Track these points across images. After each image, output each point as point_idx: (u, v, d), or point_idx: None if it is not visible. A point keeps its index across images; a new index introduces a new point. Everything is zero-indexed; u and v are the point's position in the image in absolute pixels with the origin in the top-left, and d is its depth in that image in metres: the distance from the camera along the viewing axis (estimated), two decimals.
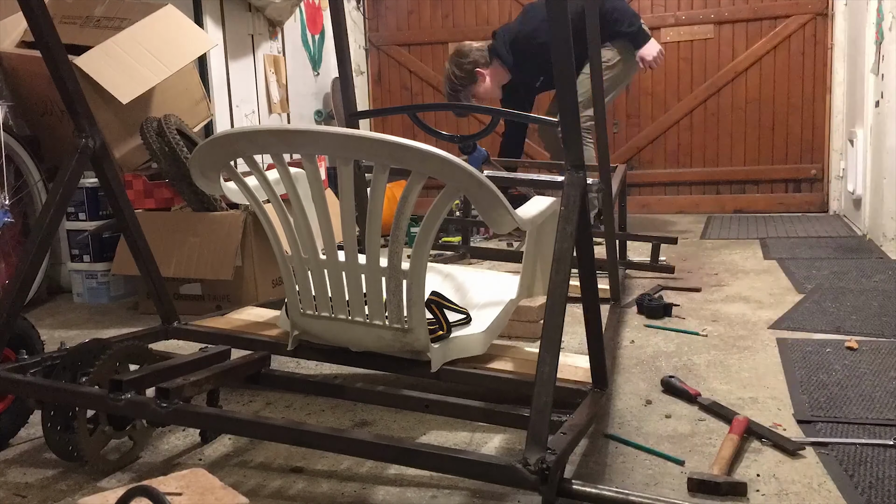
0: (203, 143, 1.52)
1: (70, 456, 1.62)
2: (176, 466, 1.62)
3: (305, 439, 1.41)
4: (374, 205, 1.45)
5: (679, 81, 5.43)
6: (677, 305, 2.77)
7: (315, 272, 1.59)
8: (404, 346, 1.61)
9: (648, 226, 4.74)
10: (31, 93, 3.20)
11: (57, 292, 3.49)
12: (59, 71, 1.71)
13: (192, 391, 1.60)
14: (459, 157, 1.55)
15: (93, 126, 1.78)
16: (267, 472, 1.59)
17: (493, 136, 5.80)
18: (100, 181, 1.85)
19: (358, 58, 5.82)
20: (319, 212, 1.50)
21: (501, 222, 1.45)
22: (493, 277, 2.12)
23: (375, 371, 1.81)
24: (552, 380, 1.31)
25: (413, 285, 1.52)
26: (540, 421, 1.27)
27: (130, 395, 1.50)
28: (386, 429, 1.79)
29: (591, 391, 1.62)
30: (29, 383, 1.60)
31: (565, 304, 1.39)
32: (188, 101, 3.46)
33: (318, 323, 1.66)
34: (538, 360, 1.33)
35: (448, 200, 1.42)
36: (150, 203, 3.06)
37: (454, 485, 1.49)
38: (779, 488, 1.44)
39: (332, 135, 1.41)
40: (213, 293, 2.97)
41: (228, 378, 1.76)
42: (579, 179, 1.45)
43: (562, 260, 1.39)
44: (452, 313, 1.74)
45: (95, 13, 3.23)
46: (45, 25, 1.66)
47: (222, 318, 2.06)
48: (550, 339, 1.34)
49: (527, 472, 1.21)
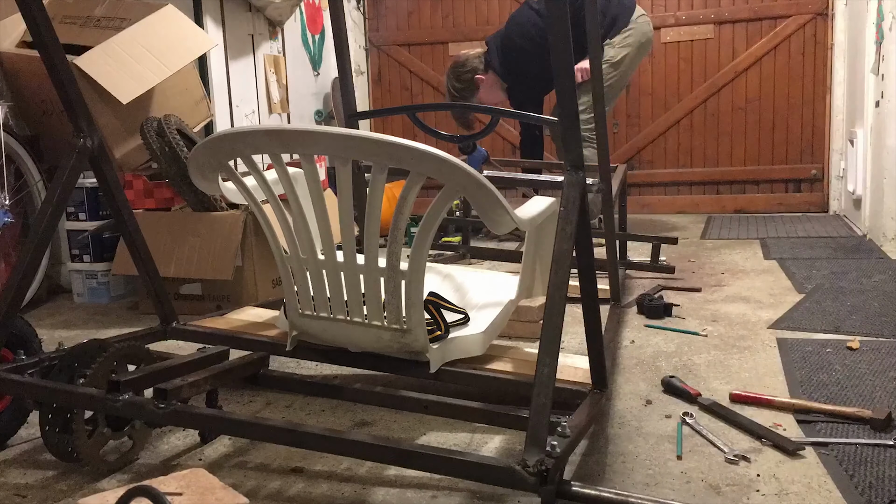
0: (200, 143, 1.52)
1: (69, 457, 1.62)
2: (176, 466, 1.62)
3: (304, 440, 1.41)
4: (373, 205, 1.45)
5: (679, 81, 5.43)
6: (677, 305, 2.77)
7: (313, 272, 1.59)
8: (403, 346, 1.61)
9: (648, 226, 4.74)
10: (32, 93, 3.20)
11: (57, 292, 3.49)
12: (57, 71, 1.71)
13: (189, 392, 1.60)
14: (459, 157, 1.56)
15: (91, 126, 1.77)
16: (267, 472, 1.59)
17: (494, 136, 5.80)
18: (98, 181, 1.85)
19: (358, 58, 5.82)
20: (317, 212, 1.50)
21: (500, 223, 1.45)
22: (492, 278, 2.12)
23: (375, 372, 1.81)
24: (551, 381, 1.31)
25: (412, 285, 1.51)
26: (539, 422, 1.27)
27: (128, 396, 1.50)
28: (386, 429, 1.79)
29: (591, 392, 1.62)
30: (26, 384, 1.60)
31: (564, 305, 1.39)
32: (188, 101, 3.46)
33: (316, 323, 1.66)
34: (537, 362, 1.32)
35: (446, 201, 1.42)
36: (150, 203, 3.07)
37: (454, 485, 1.49)
38: (779, 488, 1.44)
39: (328, 135, 1.40)
40: (213, 293, 2.97)
41: (227, 379, 1.76)
42: (579, 179, 1.44)
43: (561, 261, 1.39)
44: (450, 314, 1.74)
45: (95, 13, 3.23)
46: (43, 26, 1.66)
47: (221, 319, 2.05)
48: (549, 340, 1.34)
49: (526, 473, 1.21)
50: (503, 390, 1.69)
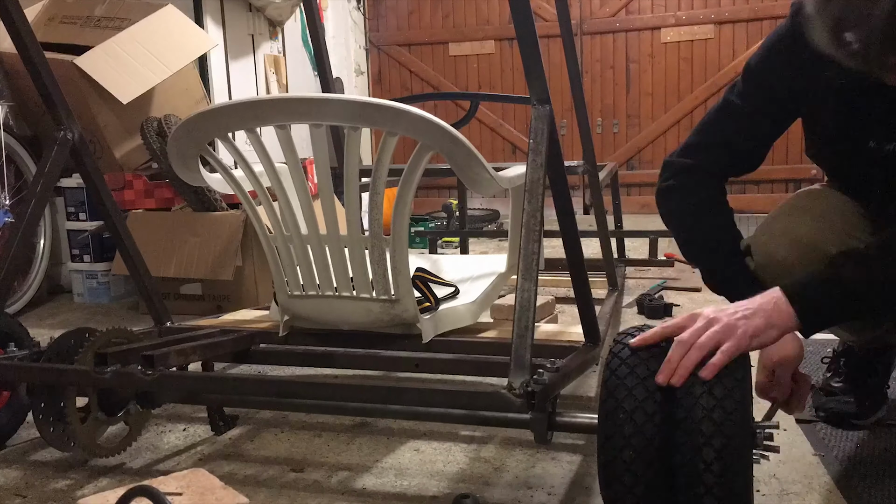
0: (175, 129, 1.52)
1: (66, 446, 1.62)
2: (176, 466, 1.62)
3: (294, 391, 1.43)
4: (350, 169, 1.46)
5: (679, 81, 5.44)
6: (678, 305, 2.77)
7: (298, 248, 1.59)
8: (393, 318, 1.61)
9: (649, 226, 4.73)
10: (32, 93, 3.19)
11: (57, 292, 3.49)
12: (34, 63, 1.73)
13: (177, 360, 1.56)
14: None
15: (70, 118, 1.80)
16: (267, 472, 1.59)
17: (494, 136, 5.80)
18: (80, 173, 1.87)
19: (358, 58, 5.82)
20: (297, 185, 1.50)
21: (478, 181, 1.46)
22: (481, 257, 2.17)
23: (368, 364, 1.79)
24: (532, 305, 1.31)
25: (396, 252, 1.51)
26: (522, 345, 1.28)
27: (115, 368, 1.46)
28: (386, 429, 1.79)
29: (584, 345, 1.63)
30: (15, 367, 1.58)
31: (541, 233, 1.39)
32: (188, 101, 3.46)
33: (307, 303, 1.65)
34: (516, 288, 1.33)
35: (422, 156, 1.42)
36: (150, 203, 3.07)
37: (455, 485, 1.49)
38: (779, 488, 1.44)
39: (303, 100, 1.42)
40: (213, 293, 2.97)
41: (216, 351, 1.72)
42: (546, 112, 1.44)
43: (533, 190, 1.38)
44: (440, 288, 1.75)
45: (96, 13, 3.23)
46: (16, 16, 1.68)
47: (216, 320, 2.05)
48: (527, 266, 1.34)
49: (512, 396, 1.21)
50: (498, 354, 1.68)
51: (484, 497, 1.44)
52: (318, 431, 1.79)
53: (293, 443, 1.73)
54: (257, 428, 1.82)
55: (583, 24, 5.55)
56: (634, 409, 1.06)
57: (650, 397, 1.06)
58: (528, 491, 1.46)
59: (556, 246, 3.63)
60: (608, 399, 1.08)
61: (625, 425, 1.05)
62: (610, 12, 5.57)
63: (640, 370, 1.09)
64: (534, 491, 1.46)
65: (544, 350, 1.55)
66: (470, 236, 3.72)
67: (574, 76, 2.59)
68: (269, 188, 1.57)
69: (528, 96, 1.45)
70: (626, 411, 1.06)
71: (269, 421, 1.86)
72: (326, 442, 1.73)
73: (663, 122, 5.47)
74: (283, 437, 1.76)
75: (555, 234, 1.71)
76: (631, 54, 5.55)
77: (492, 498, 1.44)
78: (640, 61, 5.53)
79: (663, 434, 1.05)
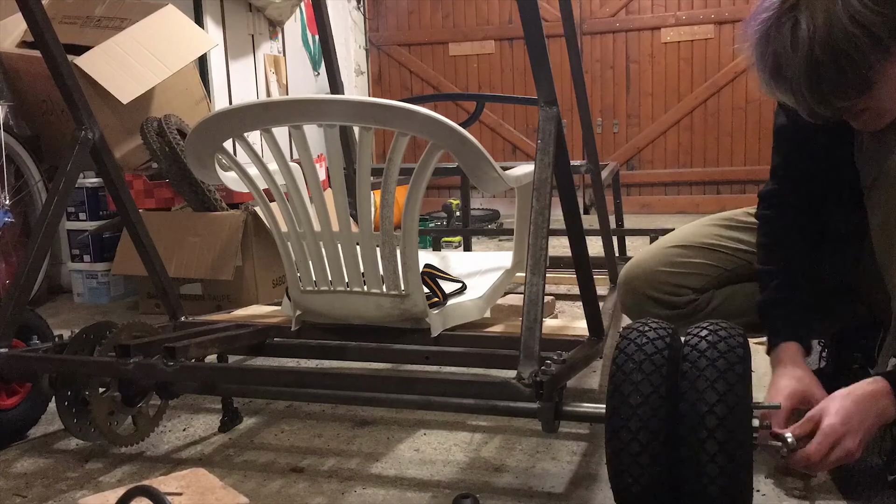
0: (194, 128, 1.54)
1: (88, 435, 1.68)
2: (176, 466, 1.62)
3: (308, 380, 1.50)
4: (363, 169, 1.48)
5: (679, 81, 5.44)
6: None
7: (311, 245, 1.61)
8: (403, 313, 1.63)
9: (649, 226, 4.74)
10: (32, 93, 3.20)
11: (57, 292, 3.49)
12: (56, 64, 1.74)
13: (196, 352, 1.62)
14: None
15: (91, 119, 1.81)
16: (268, 472, 1.59)
17: (494, 137, 5.80)
18: (100, 173, 1.89)
19: (358, 58, 5.83)
20: (311, 182, 1.53)
21: (487, 180, 1.49)
22: (487, 254, 2.22)
23: (379, 357, 1.81)
24: (540, 299, 1.35)
25: (406, 248, 1.54)
26: (531, 337, 1.32)
27: (139, 359, 1.52)
28: (386, 429, 1.79)
29: (588, 339, 1.67)
30: (40, 359, 1.68)
31: (548, 229, 1.42)
32: (188, 101, 3.46)
33: (318, 298, 1.68)
34: (525, 283, 1.36)
35: (433, 155, 1.45)
36: (150, 203, 3.06)
37: (455, 485, 1.50)
38: (779, 488, 1.44)
39: (316, 102, 1.44)
40: (213, 293, 2.97)
41: (233, 344, 1.77)
42: (553, 114, 1.47)
43: (541, 189, 1.42)
44: (448, 284, 1.78)
45: (96, 13, 3.23)
46: (39, 15, 1.69)
47: (228, 315, 2.10)
48: (536, 261, 1.37)
49: (521, 385, 1.26)
50: (503, 348, 1.70)
51: (484, 497, 1.44)
52: (318, 431, 1.79)
53: (293, 442, 1.73)
54: (258, 427, 1.83)
55: (583, 24, 5.55)
56: (640, 403, 1.12)
57: (655, 392, 1.13)
58: (528, 491, 1.46)
59: (556, 245, 3.65)
60: (615, 394, 1.15)
61: (631, 420, 1.12)
62: (610, 12, 5.57)
63: (645, 366, 1.15)
64: (534, 491, 1.46)
65: (550, 344, 1.57)
66: (472, 235, 3.72)
67: (577, 77, 2.59)
68: (282, 185, 1.60)
69: (535, 97, 1.49)
70: (632, 406, 1.13)
71: (270, 421, 1.86)
72: (327, 442, 1.73)
73: (663, 122, 5.47)
74: (283, 437, 1.76)
75: (555, 233, 1.72)
76: (631, 54, 5.55)
77: (492, 498, 1.45)
78: (640, 61, 5.53)
79: (668, 428, 1.12)
